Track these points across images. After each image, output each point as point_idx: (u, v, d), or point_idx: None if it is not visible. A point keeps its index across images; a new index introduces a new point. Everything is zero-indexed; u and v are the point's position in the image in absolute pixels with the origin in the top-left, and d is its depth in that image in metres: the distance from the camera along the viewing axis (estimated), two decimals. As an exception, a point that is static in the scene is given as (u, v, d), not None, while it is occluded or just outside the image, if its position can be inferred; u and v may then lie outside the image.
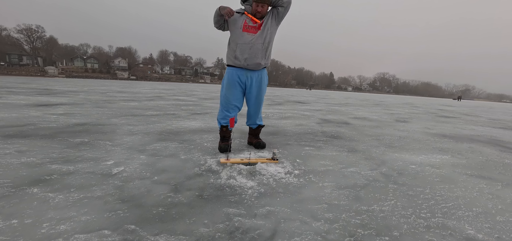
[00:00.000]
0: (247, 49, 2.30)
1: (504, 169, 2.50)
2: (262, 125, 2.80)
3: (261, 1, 2.21)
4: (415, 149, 3.15)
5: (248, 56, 2.31)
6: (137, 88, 17.15)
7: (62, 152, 2.26)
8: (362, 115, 6.95)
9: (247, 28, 2.29)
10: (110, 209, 1.35)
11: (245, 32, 2.29)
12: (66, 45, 77.73)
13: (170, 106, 6.68)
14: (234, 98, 2.48)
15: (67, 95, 8.33)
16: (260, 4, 2.23)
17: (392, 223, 1.36)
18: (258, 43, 2.31)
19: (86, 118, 4.04)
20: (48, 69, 58.18)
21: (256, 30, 2.30)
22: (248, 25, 2.29)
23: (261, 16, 2.29)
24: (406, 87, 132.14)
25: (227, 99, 2.48)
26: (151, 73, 77.61)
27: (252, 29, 2.30)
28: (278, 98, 13.67)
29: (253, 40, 2.29)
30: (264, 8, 2.26)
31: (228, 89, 2.46)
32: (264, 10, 2.27)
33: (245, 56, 2.31)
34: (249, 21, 2.30)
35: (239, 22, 2.31)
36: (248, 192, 1.64)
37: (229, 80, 2.44)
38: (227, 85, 2.46)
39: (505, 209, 1.61)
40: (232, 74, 2.43)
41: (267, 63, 2.48)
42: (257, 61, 2.35)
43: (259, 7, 2.24)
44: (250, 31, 2.29)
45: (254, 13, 2.28)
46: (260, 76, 2.50)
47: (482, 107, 19.42)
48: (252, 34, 2.29)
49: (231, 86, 2.45)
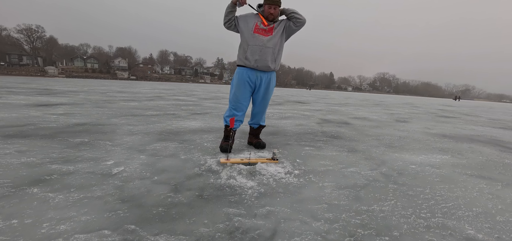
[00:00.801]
0: (258, 51, 2.35)
1: (504, 169, 2.50)
2: (263, 125, 2.80)
3: (273, 3, 2.27)
4: (415, 149, 3.15)
5: (258, 58, 2.36)
6: (137, 88, 17.15)
7: (62, 152, 2.26)
8: (362, 115, 6.95)
9: (258, 30, 2.34)
10: (110, 209, 1.35)
11: (256, 34, 2.34)
12: (66, 45, 77.78)
13: (170, 106, 6.68)
14: (243, 97, 2.50)
15: (67, 95, 8.33)
16: (272, 6, 2.29)
17: (392, 223, 1.36)
18: (269, 46, 2.36)
19: (86, 118, 4.04)
20: (48, 69, 58.20)
21: (267, 34, 2.34)
22: (260, 27, 2.34)
23: (273, 19, 2.34)
24: (406, 87, 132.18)
25: (236, 97, 2.50)
26: (151, 73, 77.63)
27: (263, 31, 2.33)
28: (278, 98, 13.67)
29: (264, 43, 2.34)
30: (276, 10, 2.31)
31: (238, 88, 2.48)
32: (276, 12, 2.32)
33: (255, 57, 2.36)
34: (260, 24, 2.34)
35: (250, 23, 2.36)
36: (248, 192, 1.64)
37: (239, 80, 2.47)
38: (237, 84, 2.49)
39: (505, 209, 1.61)
40: (242, 74, 2.45)
41: (276, 67, 2.51)
42: (267, 64, 2.40)
43: (271, 9, 2.30)
44: (261, 33, 2.34)
45: (267, 16, 2.33)
46: (269, 78, 2.53)
47: (482, 107, 19.42)
48: (263, 36, 2.34)
49: (241, 85, 2.47)
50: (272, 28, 2.36)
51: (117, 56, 79.45)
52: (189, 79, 79.95)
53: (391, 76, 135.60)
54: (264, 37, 2.33)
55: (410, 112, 9.23)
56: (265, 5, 2.32)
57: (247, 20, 2.38)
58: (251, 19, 2.38)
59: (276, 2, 2.28)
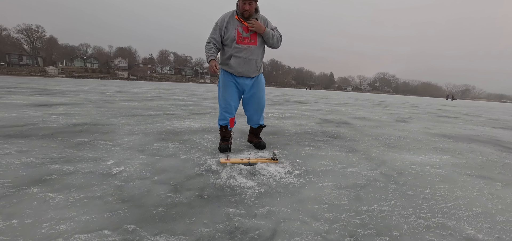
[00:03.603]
0: (242, 63, 2.33)
1: (504, 169, 2.50)
2: (263, 125, 2.79)
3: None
4: (415, 149, 3.15)
5: (242, 70, 2.36)
6: (137, 88, 17.15)
7: (62, 152, 2.26)
8: (362, 115, 6.95)
9: (241, 39, 2.27)
10: (110, 209, 1.35)
11: (240, 44, 2.28)
12: (66, 45, 77.77)
13: (170, 106, 6.68)
14: (232, 98, 2.48)
15: (67, 95, 8.33)
16: (247, 2, 2.17)
17: (392, 223, 1.36)
18: (252, 58, 2.34)
19: (86, 118, 4.04)
20: (48, 69, 58.20)
21: (250, 41, 2.28)
22: (243, 36, 2.27)
23: (249, 15, 2.23)
24: (406, 87, 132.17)
25: (225, 99, 2.48)
26: (151, 73, 77.59)
27: (246, 40, 2.27)
28: (278, 98, 13.67)
29: (248, 55, 2.31)
30: (251, 6, 2.19)
31: (225, 90, 2.47)
32: (252, 8, 2.20)
33: (238, 69, 2.36)
34: (242, 31, 2.26)
35: (231, 32, 2.28)
36: (248, 192, 1.64)
37: (225, 82, 2.46)
38: (223, 86, 2.48)
39: (505, 209, 1.60)
40: (227, 76, 2.45)
41: (260, 72, 2.52)
42: (250, 74, 2.41)
43: (246, 5, 2.17)
44: (245, 43, 2.27)
45: (242, 12, 2.22)
46: (257, 80, 2.51)
47: (482, 107, 19.42)
48: (247, 45, 2.28)
49: (228, 87, 2.45)
50: (256, 35, 2.29)
51: (117, 56, 79.48)
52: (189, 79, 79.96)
53: (391, 76, 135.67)
54: (248, 47, 2.28)
55: (410, 112, 9.23)
56: (240, 2, 2.17)
57: (227, 29, 2.27)
58: (231, 25, 2.27)
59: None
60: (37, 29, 66.04)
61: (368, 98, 23.38)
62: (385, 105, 12.81)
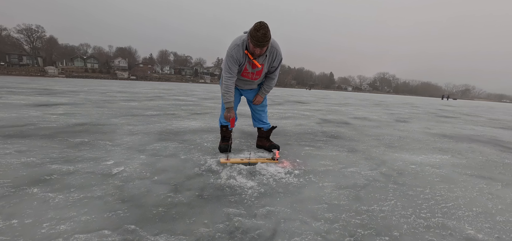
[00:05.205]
0: (247, 85, 2.45)
1: (504, 169, 2.50)
2: (274, 126, 2.78)
3: (261, 46, 2.04)
4: (415, 149, 3.15)
5: (246, 88, 2.51)
6: (137, 88, 17.15)
7: (62, 152, 2.26)
8: (362, 115, 6.95)
9: (246, 74, 2.30)
10: (110, 209, 1.35)
11: (245, 77, 2.34)
12: (66, 45, 77.72)
13: (170, 106, 6.68)
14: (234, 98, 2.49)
15: (67, 95, 8.33)
16: (258, 48, 2.07)
17: (392, 223, 1.36)
18: (255, 84, 2.47)
19: (86, 118, 4.04)
20: (48, 69, 58.16)
21: (254, 77, 2.32)
22: (249, 71, 2.28)
23: (258, 55, 2.17)
24: (406, 87, 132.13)
25: None
26: (151, 73, 77.57)
27: (251, 74, 2.30)
28: (278, 98, 13.67)
29: (251, 84, 2.44)
30: (263, 50, 2.13)
31: None
32: (263, 51, 2.14)
33: (243, 87, 2.50)
34: (249, 66, 2.24)
35: (241, 66, 2.25)
36: (248, 192, 1.64)
37: None
38: None
39: (505, 209, 1.61)
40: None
41: None
42: (252, 98, 2.57)
43: (257, 50, 2.08)
44: (249, 77, 2.32)
45: (252, 52, 2.14)
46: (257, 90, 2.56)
47: (482, 107, 19.42)
48: (251, 79, 2.36)
49: None
50: (261, 71, 2.28)
51: (117, 56, 79.43)
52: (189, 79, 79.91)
53: (391, 76, 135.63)
54: (252, 80, 2.36)
55: (410, 112, 9.23)
56: (250, 43, 2.06)
57: (239, 58, 2.19)
58: (243, 58, 2.20)
59: (265, 45, 2.04)
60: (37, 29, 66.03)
61: (368, 98, 23.38)
62: (385, 105, 12.81)
